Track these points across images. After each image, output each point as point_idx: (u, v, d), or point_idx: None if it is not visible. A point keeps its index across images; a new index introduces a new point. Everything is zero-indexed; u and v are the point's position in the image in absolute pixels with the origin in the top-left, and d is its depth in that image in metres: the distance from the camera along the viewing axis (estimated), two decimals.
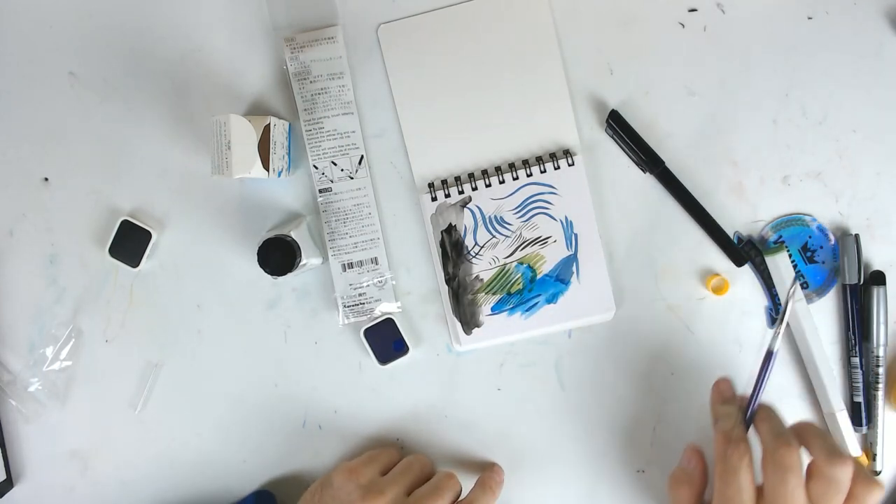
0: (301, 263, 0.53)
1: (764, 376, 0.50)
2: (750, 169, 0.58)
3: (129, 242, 0.58)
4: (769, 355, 0.50)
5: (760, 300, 0.58)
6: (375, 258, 0.58)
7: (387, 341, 0.58)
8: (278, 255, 0.52)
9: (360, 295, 0.58)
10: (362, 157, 0.58)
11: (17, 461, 0.60)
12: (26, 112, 0.60)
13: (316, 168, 0.58)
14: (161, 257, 0.60)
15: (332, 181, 0.58)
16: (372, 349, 0.58)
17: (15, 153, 0.60)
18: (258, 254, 0.52)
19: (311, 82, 0.58)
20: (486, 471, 0.57)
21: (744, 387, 0.54)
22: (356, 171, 0.58)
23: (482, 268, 0.58)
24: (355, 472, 0.53)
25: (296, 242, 0.52)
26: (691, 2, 0.58)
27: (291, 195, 0.59)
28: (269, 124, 0.54)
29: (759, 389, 0.50)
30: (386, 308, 0.59)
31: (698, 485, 0.52)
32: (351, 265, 0.58)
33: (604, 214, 0.58)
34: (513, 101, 0.58)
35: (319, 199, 0.58)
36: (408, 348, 0.58)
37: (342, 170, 0.58)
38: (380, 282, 0.58)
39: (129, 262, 0.59)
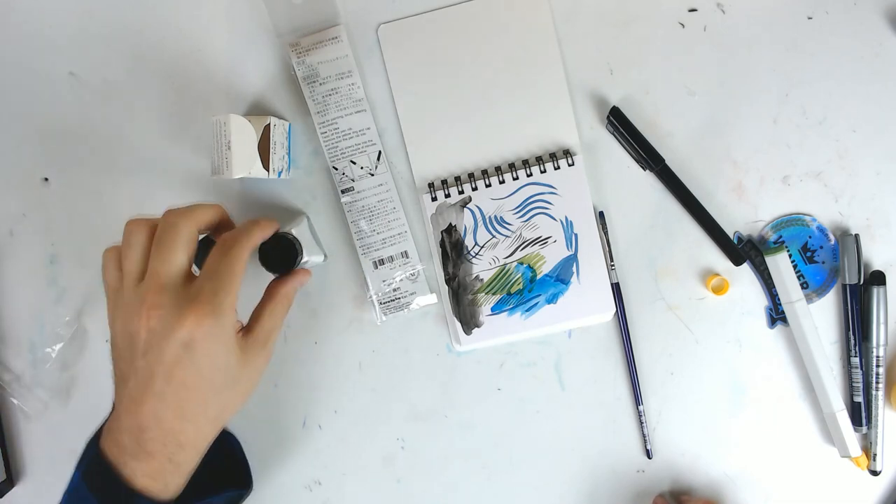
0: (302, 262, 0.53)
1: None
2: (750, 169, 0.58)
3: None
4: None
5: (760, 300, 0.58)
6: (405, 252, 0.58)
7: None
8: (278, 254, 0.52)
9: (394, 290, 0.58)
10: (380, 152, 0.58)
11: (18, 461, 0.60)
12: (26, 112, 0.60)
13: (336, 169, 0.58)
14: None
15: (353, 180, 0.58)
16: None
17: (15, 153, 0.60)
18: (258, 253, 0.52)
19: (320, 84, 0.58)
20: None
21: None
22: (376, 167, 0.58)
23: (482, 268, 0.58)
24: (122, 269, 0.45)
25: (297, 240, 0.52)
26: (691, 2, 0.58)
27: (291, 195, 0.59)
28: (269, 124, 0.54)
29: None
30: (423, 301, 0.59)
31: None
32: (382, 262, 0.58)
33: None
34: (513, 100, 0.58)
35: (343, 200, 0.58)
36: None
37: (362, 167, 0.58)
38: (412, 275, 0.58)
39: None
